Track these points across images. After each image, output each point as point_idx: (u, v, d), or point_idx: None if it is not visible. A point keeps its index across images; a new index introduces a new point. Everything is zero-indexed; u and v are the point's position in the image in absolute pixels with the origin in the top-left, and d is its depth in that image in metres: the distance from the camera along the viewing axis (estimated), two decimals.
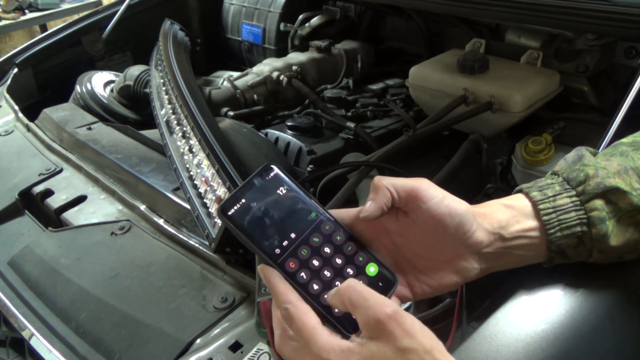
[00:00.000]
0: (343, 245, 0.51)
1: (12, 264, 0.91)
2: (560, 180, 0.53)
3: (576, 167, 0.53)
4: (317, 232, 0.51)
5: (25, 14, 3.55)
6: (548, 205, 0.51)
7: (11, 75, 1.48)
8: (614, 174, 0.52)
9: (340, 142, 1.31)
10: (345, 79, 1.59)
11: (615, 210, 0.51)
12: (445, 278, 0.51)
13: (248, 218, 0.50)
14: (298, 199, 0.52)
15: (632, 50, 1.20)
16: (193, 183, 0.97)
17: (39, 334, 0.78)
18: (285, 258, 0.50)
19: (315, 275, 0.50)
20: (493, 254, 0.51)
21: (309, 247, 0.51)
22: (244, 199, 0.51)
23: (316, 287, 0.49)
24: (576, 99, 1.28)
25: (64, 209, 1.04)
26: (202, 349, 0.71)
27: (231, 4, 1.87)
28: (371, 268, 0.51)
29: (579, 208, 0.51)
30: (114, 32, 1.64)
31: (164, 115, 1.19)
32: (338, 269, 0.50)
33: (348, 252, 0.51)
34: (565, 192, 0.52)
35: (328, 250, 0.51)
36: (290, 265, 0.50)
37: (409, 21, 1.65)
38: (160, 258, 0.88)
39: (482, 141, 1.21)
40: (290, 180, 0.53)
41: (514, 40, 1.32)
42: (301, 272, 0.50)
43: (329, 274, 0.50)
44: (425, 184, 0.50)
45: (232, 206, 0.50)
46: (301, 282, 0.49)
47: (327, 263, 0.51)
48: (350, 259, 0.51)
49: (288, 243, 0.50)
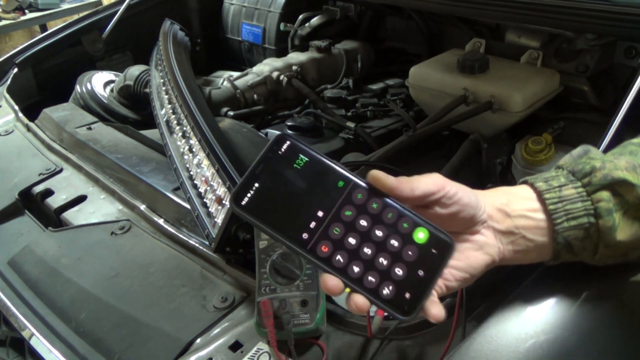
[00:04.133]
0: (381, 213, 0.44)
1: (12, 264, 0.91)
2: (566, 172, 0.52)
3: (582, 160, 0.53)
4: (349, 204, 0.44)
5: (25, 14, 3.54)
6: (554, 195, 0.50)
7: (11, 75, 1.47)
8: (622, 168, 0.51)
9: (340, 142, 1.31)
10: (345, 79, 1.59)
11: (621, 203, 0.50)
12: (472, 257, 0.49)
13: (265, 204, 0.44)
14: (320, 169, 0.45)
15: (632, 50, 1.20)
16: (193, 183, 0.96)
17: (39, 333, 0.78)
18: (315, 242, 0.43)
19: (354, 256, 0.43)
20: (506, 234, 0.50)
21: (342, 223, 0.44)
22: (258, 183, 0.44)
23: (357, 269, 0.43)
24: (576, 98, 1.28)
25: (64, 209, 1.04)
26: (202, 348, 0.71)
27: (231, 4, 1.87)
28: (420, 234, 0.44)
29: (585, 199, 0.50)
30: (114, 32, 1.64)
31: (164, 115, 1.19)
32: (380, 242, 0.43)
33: (389, 220, 0.44)
34: (571, 184, 0.51)
35: (364, 223, 0.44)
36: (323, 250, 0.43)
37: (409, 21, 1.65)
38: (160, 258, 0.88)
39: (482, 141, 1.21)
40: (308, 149, 0.46)
41: (514, 40, 1.32)
42: (337, 254, 0.43)
43: (369, 251, 0.43)
44: (440, 181, 0.48)
45: (245, 194, 0.44)
46: (339, 266, 0.43)
47: (366, 238, 0.44)
48: (393, 228, 0.44)
49: (316, 224, 0.43)
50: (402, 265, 0.43)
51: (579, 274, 0.56)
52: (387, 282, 0.43)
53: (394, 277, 0.43)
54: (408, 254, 0.44)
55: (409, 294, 0.43)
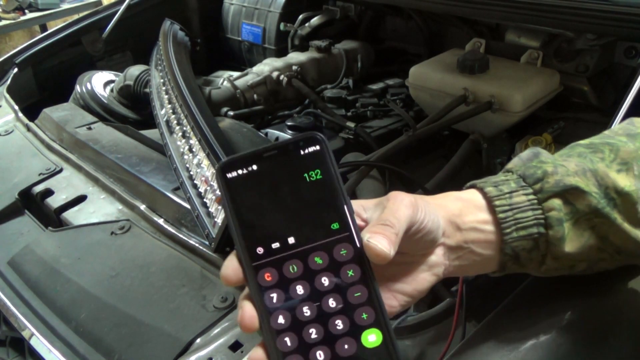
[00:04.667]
0: (350, 287, 0.37)
1: (12, 264, 0.91)
2: (516, 177, 0.49)
3: (533, 164, 0.49)
4: (325, 252, 0.38)
5: (25, 14, 3.54)
6: (504, 202, 0.47)
7: (11, 75, 1.48)
8: (573, 173, 0.48)
9: (340, 142, 1.31)
10: (345, 79, 1.59)
11: (572, 212, 0.47)
12: (420, 280, 0.45)
13: (248, 192, 0.38)
14: (327, 196, 0.39)
15: (632, 50, 1.20)
16: (193, 183, 0.96)
17: (39, 333, 0.78)
18: (263, 264, 0.37)
19: (290, 307, 0.37)
20: (454, 249, 0.46)
21: (304, 265, 0.37)
22: (257, 166, 0.39)
23: (281, 321, 0.36)
24: (576, 98, 1.28)
25: (64, 209, 1.04)
26: (202, 348, 0.71)
27: (231, 4, 1.87)
28: (371, 336, 0.36)
29: (536, 207, 0.47)
30: (114, 32, 1.64)
31: (164, 115, 1.19)
32: (325, 314, 0.37)
33: (352, 299, 0.37)
34: (522, 190, 0.47)
35: (325, 283, 0.37)
36: (265, 277, 0.37)
37: (409, 21, 1.65)
38: (160, 258, 0.88)
39: (482, 141, 1.21)
40: (332, 167, 0.39)
41: (514, 40, 1.32)
42: (273, 292, 0.37)
43: (308, 314, 0.36)
44: (411, 218, 0.42)
45: (238, 169, 0.39)
46: (267, 305, 0.36)
47: (315, 298, 0.37)
48: (350, 310, 0.37)
49: (279, 247, 0.38)
50: (328, 355, 0.36)
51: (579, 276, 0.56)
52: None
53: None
54: (344, 347, 0.36)
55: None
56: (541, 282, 0.57)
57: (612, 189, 0.48)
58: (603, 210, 0.47)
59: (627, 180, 0.48)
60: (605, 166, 0.49)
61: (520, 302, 0.56)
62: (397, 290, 0.43)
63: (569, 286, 0.55)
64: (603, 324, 0.53)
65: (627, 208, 0.48)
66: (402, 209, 0.41)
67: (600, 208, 0.47)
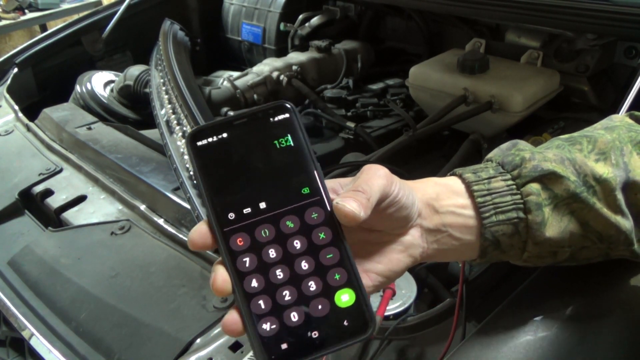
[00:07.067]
0: (323, 249, 0.38)
1: (12, 264, 0.91)
2: (495, 164, 0.50)
3: (511, 152, 0.50)
4: (297, 216, 0.38)
5: (25, 14, 3.54)
6: (482, 187, 0.48)
7: (11, 75, 1.48)
8: (551, 160, 0.49)
9: (340, 141, 1.31)
10: (345, 79, 1.59)
11: (551, 197, 0.47)
12: (394, 260, 0.44)
13: (218, 159, 0.38)
14: (297, 162, 0.39)
15: (632, 50, 1.20)
16: (193, 183, 0.96)
17: (39, 333, 0.78)
18: (235, 229, 0.37)
19: (262, 270, 0.37)
20: (432, 231, 0.46)
21: (275, 229, 0.38)
22: (227, 134, 0.39)
23: (255, 284, 0.37)
24: (576, 98, 1.28)
25: (64, 209, 1.04)
26: (202, 348, 0.71)
27: (231, 4, 1.87)
28: (344, 296, 0.37)
29: (515, 192, 0.47)
30: (114, 32, 1.64)
31: (164, 115, 1.19)
32: (298, 276, 0.37)
33: (324, 261, 0.38)
34: (500, 176, 0.48)
35: (298, 246, 0.38)
36: (237, 242, 0.37)
37: (409, 21, 1.65)
38: (160, 258, 0.88)
39: (482, 141, 1.21)
40: (301, 134, 0.40)
41: (514, 40, 1.32)
42: (246, 256, 0.37)
43: (281, 277, 0.37)
44: (386, 188, 0.42)
45: (208, 137, 0.39)
46: (240, 269, 0.37)
47: (287, 261, 0.37)
48: (322, 271, 0.38)
49: (251, 212, 0.38)
50: (302, 315, 0.37)
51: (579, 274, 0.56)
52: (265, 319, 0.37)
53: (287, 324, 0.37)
54: (318, 307, 0.37)
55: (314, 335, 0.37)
56: (541, 282, 0.57)
57: (590, 177, 0.48)
58: (581, 195, 0.48)
59: (605, 168, 0.49)
60: (584, 156, 0.50)
61: (519, 302, 0.56)
62: (371, 270, 0.44)
63: (568, 286, 0.55)
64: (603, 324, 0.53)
65: (606, 194, 0.49)
66: (375, 179, 0.41)
67: (579, 192, 0.48)
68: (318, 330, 0.37)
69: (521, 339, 0.51)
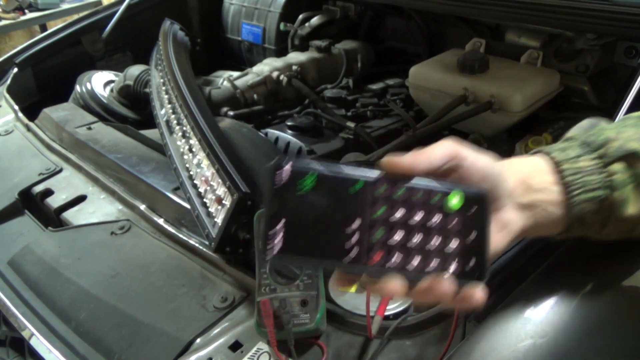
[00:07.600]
0: (410, 198, 0.42)
1: (12, 264, 0.91)
2: (579, 143, 0.52)
3: (594, 132, 0.52)
4: (377, 203, 0.41)
5: (25, 14, 3.54)
6: (571, 166, 0.50)
7: (11, 75, 1.47)
8: (634, 140, 0.50)
9: (340, 141, 1.31)
10: (345, 79, 1.59)
11: (633, 176, 0.50)
12: (493, 242, 0.45)
13: (298, 240, 0.40)
14: (332, 181, 0.41)
15: (632, 50, 1.20)
16: (193, 183, 0.96)
17: (39, 333, 0.78)
18: (366, 254, 0.40)
19: (407, 250, 0.41)
20: (528, 207, 0.48)
21: (380, 222, 0.41)
22: (281, 221, 0.40)
23: (416, 261, 0.41)
24: (576, 98, 1.28)
25: (64, 209, 1.04)
26: (202, 348, 0.71)
27: (231, 4, 1.87)
28: (453, 200, 0.42)
29: (602, 171, 0.50)
30: (114, 32, 1.64)
31: (164, 115, 1.19)
32: (423, 226, 0.41)
33: (419, 201, 0.42)
34: (587, 155, 0.50)
35: (400, 215, 0.41)
36: (376, 258, 0.40)
37: (409, 21, 1.65)
38: (160, 258, 0.88)
39: (482, 141, 1.21)
40: (306, 165, 0.41)
41: (514, 40, 1.33)
42: (392, 256, 0.41)
43: (418, 239, 0.41)
44: (452, 149, 0.46)
45: (274, 239, 0.40)
46: (397, 267, 0.41)
47: (409, 228, 0.41)
48: (427, 207, 0.42)
49: (358, 236, 0.40)
50: (453, 237, 0.42)
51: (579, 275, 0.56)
52: (449, 259, 0.42)
53: (453, 252, 0.42)
54: (452, 224, 0.42)
55: (474, 260, 0.42)
56: (540, 282, 0.57)
57: None
58: None
59: None
60: None
61: (519, 302, 0.56)
62: None
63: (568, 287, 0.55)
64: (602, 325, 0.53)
65: None
66: (438, 147, 0.46)
67: None
68: (471, 230, 0.42)
69: (521, 340, 0.51)
